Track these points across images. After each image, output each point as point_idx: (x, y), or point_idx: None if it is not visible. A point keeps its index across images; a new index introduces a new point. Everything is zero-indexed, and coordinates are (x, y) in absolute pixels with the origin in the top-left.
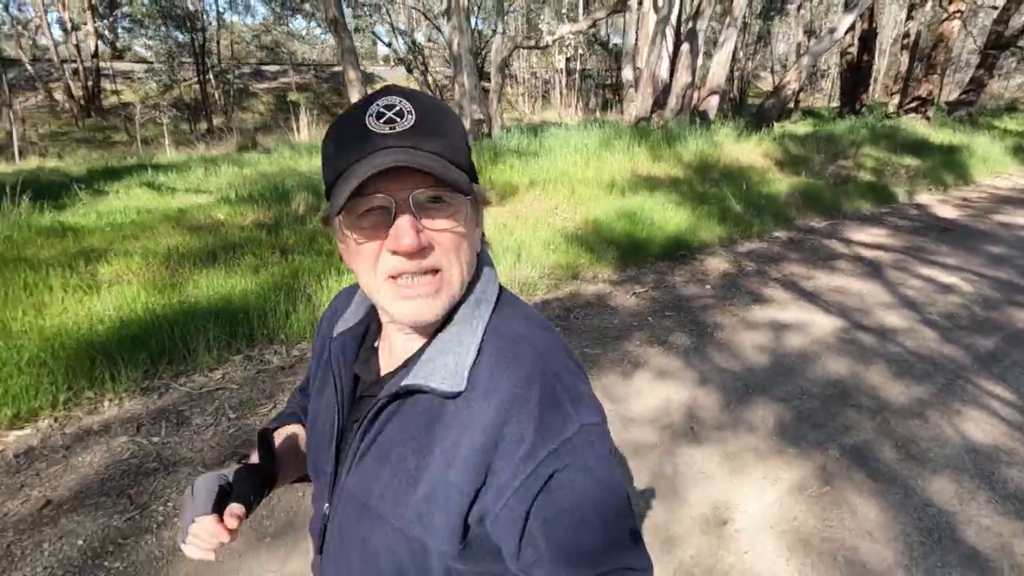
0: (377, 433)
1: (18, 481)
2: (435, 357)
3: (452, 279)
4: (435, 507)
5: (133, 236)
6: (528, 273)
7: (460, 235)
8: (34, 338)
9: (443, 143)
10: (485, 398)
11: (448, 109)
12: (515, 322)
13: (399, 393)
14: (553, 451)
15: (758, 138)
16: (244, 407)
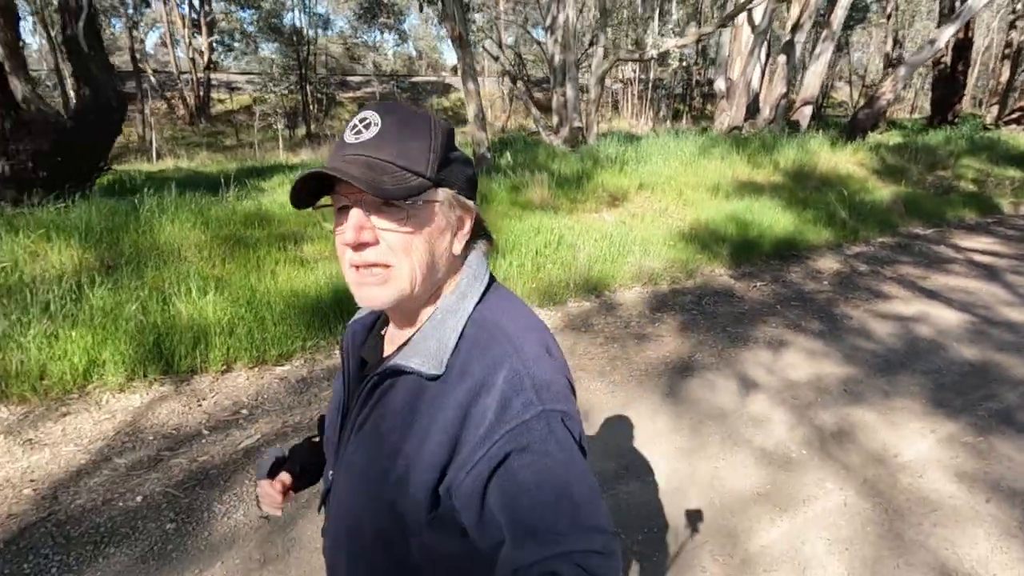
0: (371, 409)
1: (307, 399)
2: (419, 342)
3: (401, 275)
4: (410, 478)
5: (316, 223)
6: (654, 265)
7: (408, 235)
8: (276, 299)
9: (398, 151)
10: (459, 381)
11: (422, 122)
12: (498, 313)
13: (387, 372)
14: (510, 431)
15: (853, 147)
16: None
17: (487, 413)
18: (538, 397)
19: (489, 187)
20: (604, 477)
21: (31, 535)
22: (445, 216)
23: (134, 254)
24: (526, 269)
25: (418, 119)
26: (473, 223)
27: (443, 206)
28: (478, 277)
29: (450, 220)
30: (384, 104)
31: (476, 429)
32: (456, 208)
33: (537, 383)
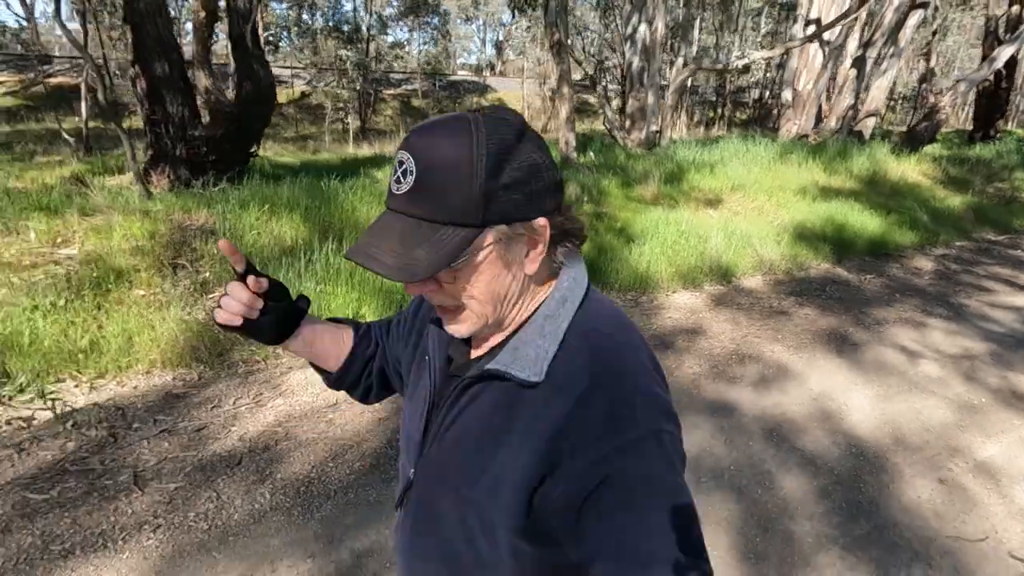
0: (460, 411)
1: None
2: (518, 347)
3: (469, 314)
4: (504, 485)
5: None
6: (770, 255)
7: (461, 287)
8: None
9: (435, 204)
10: (561, 389)
11: (462, 151)
12: (599, 321)
13: (482, 376)
14: (616, 448)
15: (916, 158)
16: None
17: (592, 426)
18: (646, 414)
19: (602, 184)
20: (827, 413)
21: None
22: (502, 254)
23: (341, 227)
24: (666, 255)
25: (458, 146)
26: (553, 231)
27: (498, 245)
28: (579, 282)
29: (511, 253)
30: (420, 130)
31: (580, 442)
32: (517, 238)
33: (646, 398)
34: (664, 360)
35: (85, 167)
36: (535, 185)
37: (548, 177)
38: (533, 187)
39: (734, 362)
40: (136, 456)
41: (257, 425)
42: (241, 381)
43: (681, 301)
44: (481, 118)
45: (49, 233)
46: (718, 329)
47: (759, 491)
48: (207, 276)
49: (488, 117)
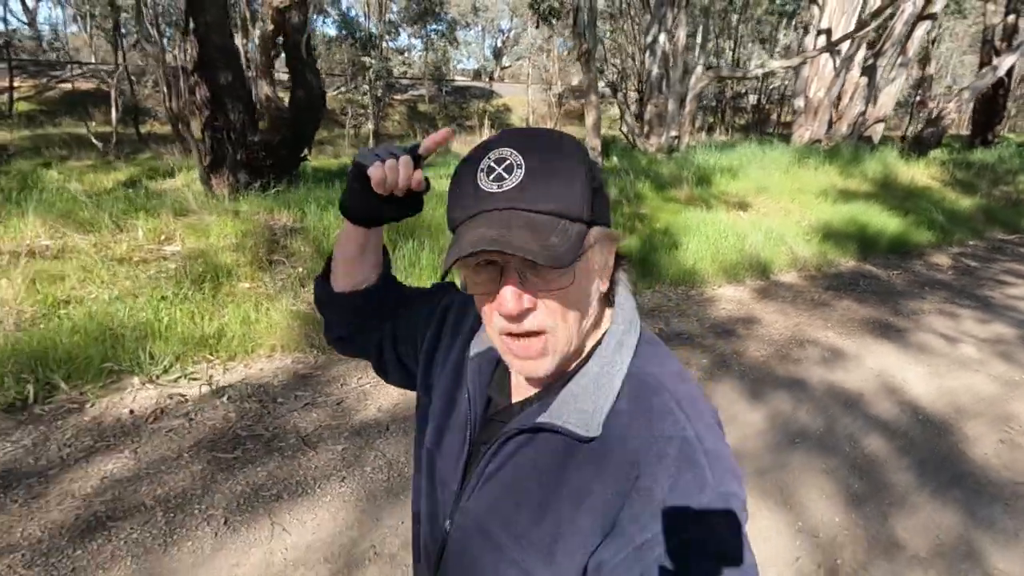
0: (504, 461)
1: None
2: (570, 401)
3: (558, 341)
4: (559, 548)
5: None
6: (802, 253)
7: (567, 298)
8: None
9: (551, 199)
10: (620, 446)
11: (569, 151)
12: (657, 369)
13: (535, 428)
14: (683, 514)
15: (925, 162)
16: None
17: (655, 488)
18: (714, 475)
19: (637, 187)
20: (890, 387)
21: None
22: (597, 259)
23: (414, 225)
24: (709, 252)
25: (563, 147)
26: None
27: (595, 249)
28: (633, 324)
29: (602, 261)
30: (512, 132)
31: (643, 506)
32: (607, 245)
33: (711, 458)
34: (730, 345)
35: (135, 171)
36: (608, 193)
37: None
38: (608, 195)
39: (794, 346)
40: (293, 424)
41: (388, 399)
42: (357, 363)
43: (728, 294)
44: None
45: (154, 231)
46: (770, 319)
47: (847, 449)
48: (302, 272)
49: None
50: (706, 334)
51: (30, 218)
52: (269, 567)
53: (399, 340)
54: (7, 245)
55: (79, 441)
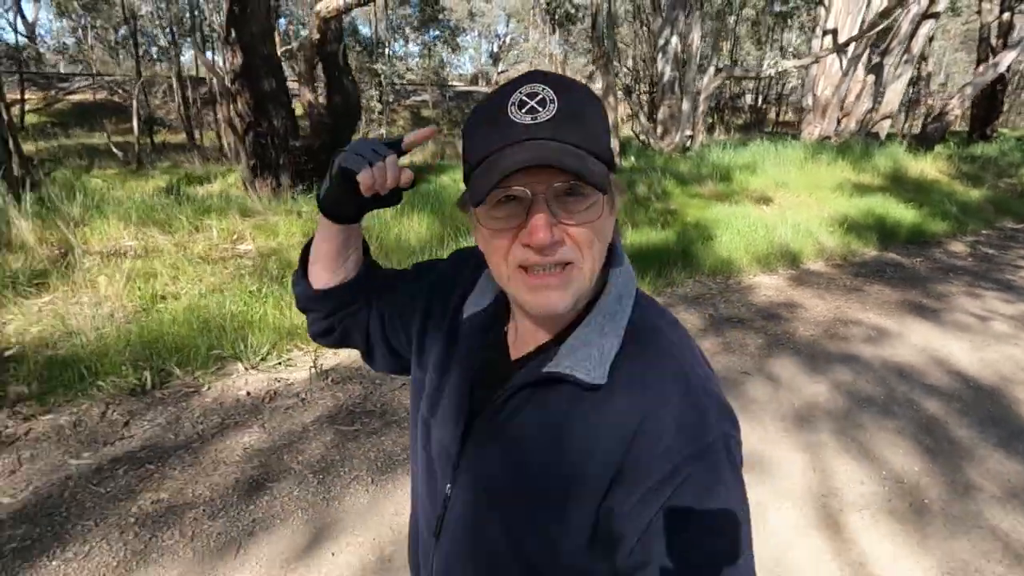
0: (509, 418)
1: None
2: (578, 348)
3: (583, 272)
4: (570, 499)
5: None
6: (827, 243)
7: (594, 230)
8: None
9: (583, 133)
10: (626, 392)
11: (591, 95)
12: (656, 319)
13: (538, 381)
14: (691, 455)
15: (932, 156)
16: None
17: (663, 433)
18: (717, 418)
19: (664, 184)
20: (937, 359)
21: None
22: (613, 202)
23: (462, 221)
24: (743, 243)
25: (586, 93)
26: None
27: (612, 191)
28: (631, 276)
29: (615, 205)
30: (545, 74)
31: (652, 448)
32: (617, 194)
33: (715, 402)
34: (780, 326)
35: (169, 178)
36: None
37: None
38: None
39: (839, 325)
40: (398, 400)
41: None
42: None
43: (764, 282)
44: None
45: (227, 231)
46: (810, 303)
47: (910, 412)
48: None
49: None
50: (754, 317)
51: (112, 221)
52: None
53: (387, 325)
54: (98, 246)
55: (208, 419)
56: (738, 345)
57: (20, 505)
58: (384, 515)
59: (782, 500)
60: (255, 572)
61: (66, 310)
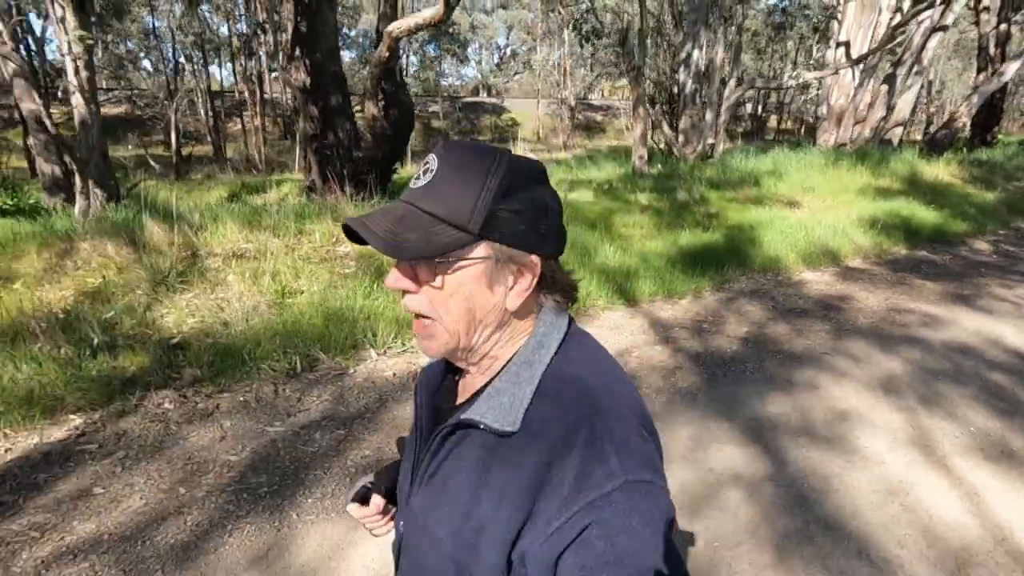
0: (442, 461)
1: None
2: (492, 396)
3: (440, 329)
4: (483, 541)
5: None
6: (861, 242)
7: (440, 296)
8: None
9: (440, 203)
10: (536, 440)
11: (480, 166)
12: (579, 367)
13: (459, 425)
14: (588, 503)
15: (944, 161)
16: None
17: (565, 480)
18: (621, 465)
19: (700, 190)
20: (992, 340)
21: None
22: (488, 272)
23: None
24: (786, 242)
25: (478, 163)
26: (540, 276)
27: (488, 261)
28: (556, 327)
29: (499, 275)
30: (452, 144)
31: (553, 496)
32: (508, 264)
33: (619, 448)
34: (840, 315)
35: (231, 187)
36: (540, 223)
37: (554, 223)
38: (538, 224)
39: (894, 314)
40: None
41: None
42: None
43: (812, 278)
44: (509, 154)
45: (327, 234)
46: (861, 295)
47: (979, 381)
48: None
49: (515, 156)
50: (814, 308)
51: (230, 225)
52: None
53: None
54: (218, 249)
55: (367, 395)
56: (808, 331)
57: (248, 461)
58: None
59: (895, 449)
60: None
61: (213, 304)
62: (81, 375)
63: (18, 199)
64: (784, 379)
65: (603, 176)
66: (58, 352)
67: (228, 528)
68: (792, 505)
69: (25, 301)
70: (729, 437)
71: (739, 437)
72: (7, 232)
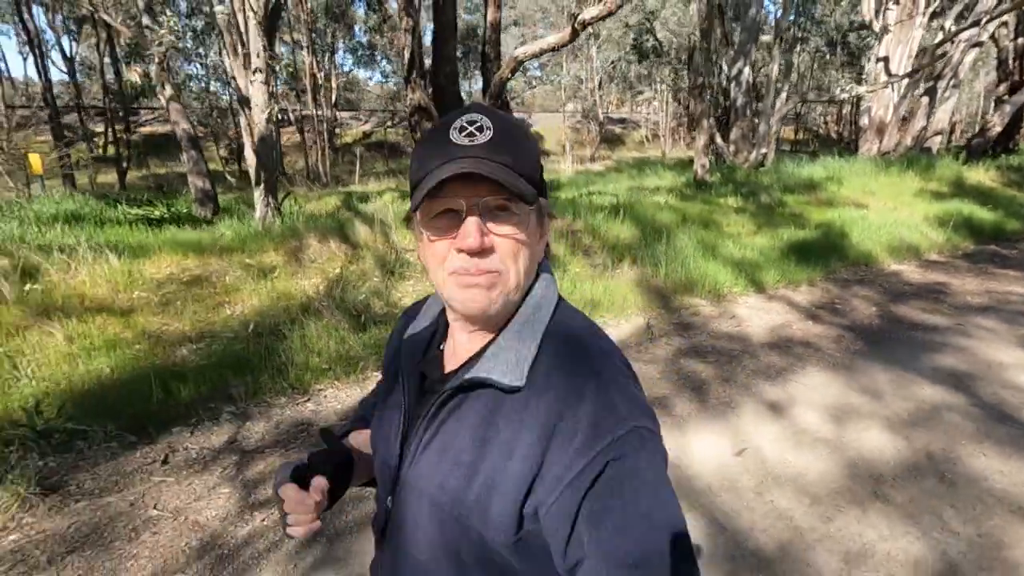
0: (440, 425)
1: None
2: (498, 353)
3: (508, 280)
4: (493, 497)
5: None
6: (935, 238)
7: (520, 242)
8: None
9: (514, 157)
10: (543, 393)
11: (524, 131)
12: (573, 325)
13: (463, 386)
14: (603, 449)
15: (984, 167)
16: None
17: (577, 429)
18: (629, 412)
19: (777, 194)
20: None
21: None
22: (540, 225)
23: (660, 226)
24: (872, 238)
25: (521, 128)
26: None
27: (542, 214)
28: (550, 287)
29: (544, 226)
30: (487, 108)
31: (566, 446)
32: (547, 217)
33: (626, 397)
34: (947, 298)
35: (338, 197)
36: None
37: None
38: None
39: (997, 296)
40: (718, 346)
41: (759, 329)
42: (692, 313)
43: (902, 269)
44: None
45: None
46: (955, 283)
47: None
48: (607, 258)
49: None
50: (922, 292)
51: (402, 232)
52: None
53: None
54: (411, 245)
55: None
56: (930, 309)
57: None
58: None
59: None
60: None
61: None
62: (364, 342)
63: (176, 208)
64: (936, 342)
65: (665, 183)
66: (342, 326)
67: None
68: (1003, 418)
69: (293, 288)
70: (921, 380)
71: (929, 380)
72: (238, 234)
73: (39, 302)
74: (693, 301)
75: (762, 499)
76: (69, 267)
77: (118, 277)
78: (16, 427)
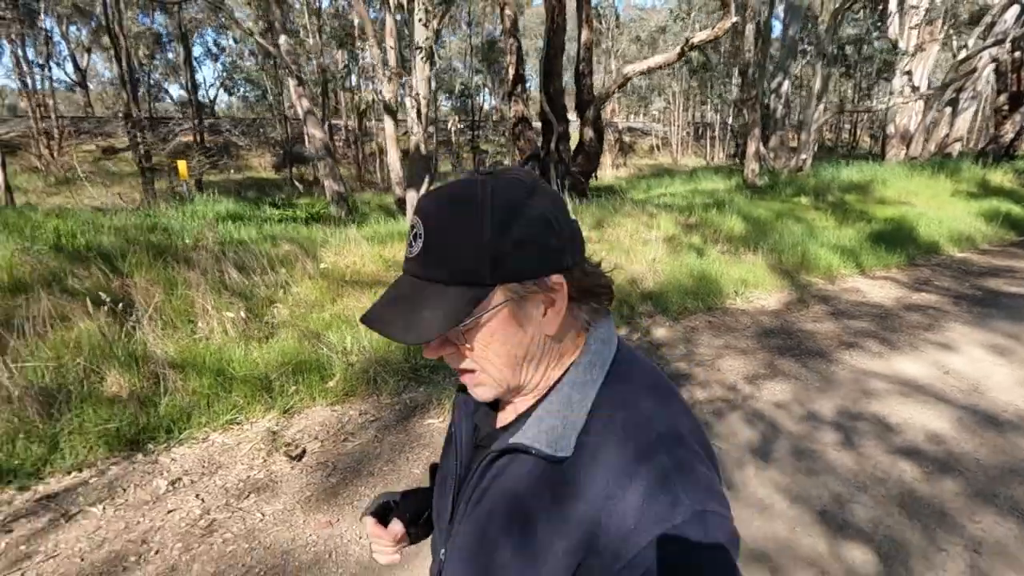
0: (487, 486)
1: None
2: (543, 418)
3: (486, 378)
4: (538, 571)
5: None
6: (985, 230)
7: (486, 338)
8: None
9: (439, 267)
10: (591, 468)
11: (469, 212)
12: (632, 387)
13: (506, 450)
14: (660, 536)
15: (1003, 170)
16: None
17: (629, 511)
18: (689, 495)
19: (836, 194)
20: None
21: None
22: (515, 313)
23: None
24: (935, 230)
25: (462, 209)
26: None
27: (510, 304)
28: (608, 343)
29: (528, 310)
30: (429, 197)
31: (617, 528)
32: (531, 296)
33: (686, 478)
34: (1021, 276)
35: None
36: (549, 241)
37: (564, 231)
38: (547, 243)
39: None
40: (811, 329)
41: (884, 299)
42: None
43: (967, 256)
44: (489, 178)
45: (594, 222)
46: (1019, 265)
47: None
48: (724, 235)
49: (496, 176)
50: (996, 271)
51: None
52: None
53: None
54: None
55: (756, 325)
56: (1016, 283)
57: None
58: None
59: None
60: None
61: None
62: None
63: (318, 209)
64: None
65: (721, 186)
66: None
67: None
68: None
69: None
70: None
71: None
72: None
73: (332, 277)
74: (813, 279)
75: (982, 397)
76: (339, 252)
77: (376, 259)
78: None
